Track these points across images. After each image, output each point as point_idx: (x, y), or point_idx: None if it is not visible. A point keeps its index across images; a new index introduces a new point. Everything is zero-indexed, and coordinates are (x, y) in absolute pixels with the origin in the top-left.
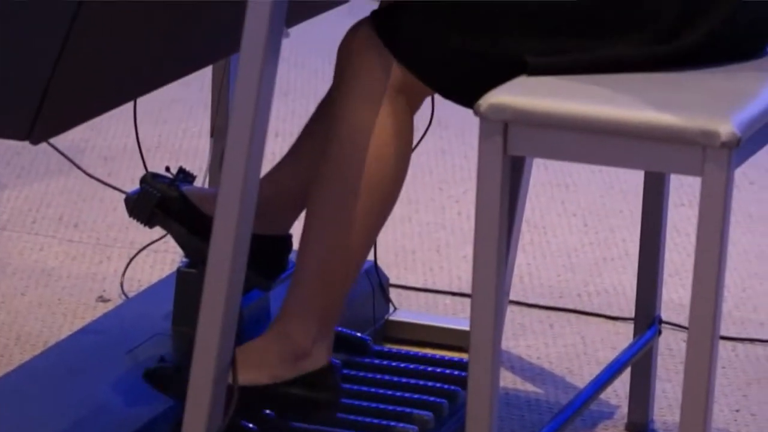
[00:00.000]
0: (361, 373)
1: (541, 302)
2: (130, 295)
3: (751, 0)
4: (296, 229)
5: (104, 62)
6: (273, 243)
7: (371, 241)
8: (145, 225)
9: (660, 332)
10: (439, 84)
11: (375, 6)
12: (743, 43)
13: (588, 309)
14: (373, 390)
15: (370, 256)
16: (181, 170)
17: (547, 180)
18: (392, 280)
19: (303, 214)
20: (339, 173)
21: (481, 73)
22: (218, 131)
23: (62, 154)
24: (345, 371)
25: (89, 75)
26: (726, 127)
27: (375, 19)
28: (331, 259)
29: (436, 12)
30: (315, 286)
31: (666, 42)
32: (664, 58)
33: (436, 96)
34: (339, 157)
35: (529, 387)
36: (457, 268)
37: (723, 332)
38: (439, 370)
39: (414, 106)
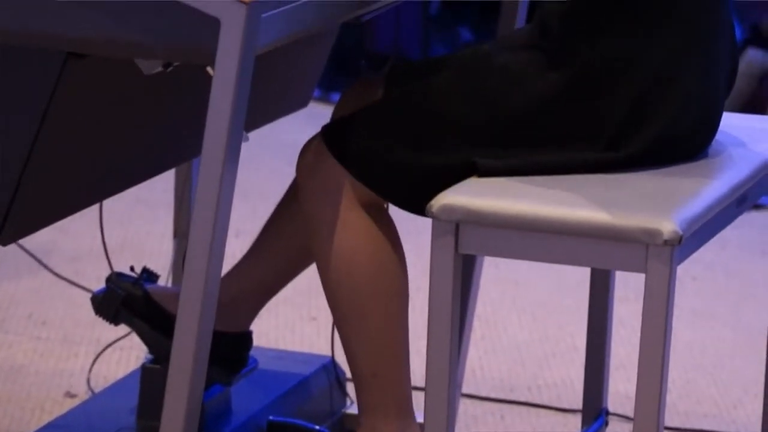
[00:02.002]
0: None
1: (493, 395)
2: (97, 390)
3: (691, 106)
4: (255, 326)
5: (71, 166)
6: (234, 340)
7: (405, 323)
8: (110, 323)
9: (607, 423)
10: (392, 195)
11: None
12: (685, 146)
13: (538, 401)
14: None
15: (327, 352)
16: (145, 270)
17: (498, 277)
18: (349, 375)
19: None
20: (347, 293)
21: (431, 182)
22: (181, 232)
23: (31, 254)
24: None
25: (57, 178)
26: (668, 226)
27: (325, 134)
28: (379, 359)
29: (385, 126)
30: (378, 387)
31: (612, 149)
32: (610, 163)
33: None
34: (340, 281)
35: None
36: (412, 362)
37: (667, 423)
38: None
39: (383, 202)
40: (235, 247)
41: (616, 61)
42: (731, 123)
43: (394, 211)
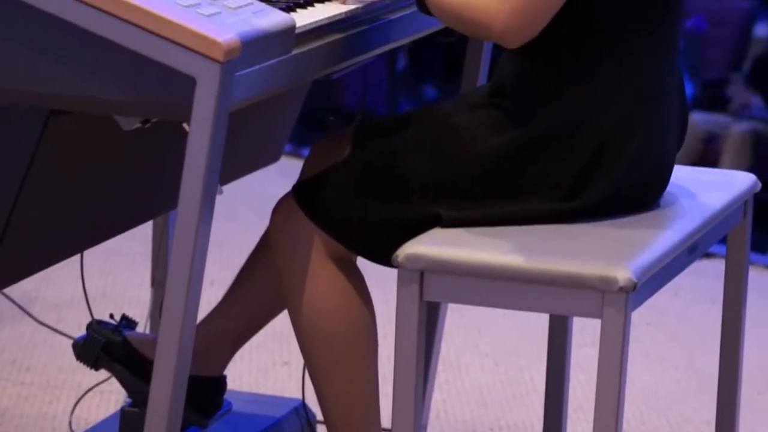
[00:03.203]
0: None
1: None
2: None
3: (643, 160)
4: (230, 370)
5: (53, 218)
6: (209, 384)
7: (375, 371)
8: (91, 368)
9: None
10: (360, 248)
11: None
12: (638, 197)
13: None
14: None
15: (299, 395)
16: (124, 317)
17: (461, 323)
18: (319, 417)
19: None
20: (319, 343)
21: (397, 234)
22: (158, 281)
23: (15, 302)
24: None
25: (40, 230)
26: (623, 274)
27: (296, 193)
28: (350, 406)
29: (352, 183)
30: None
31: (568, 200)
32: (567, 214)
33: None
34: (313, 331)
35: None
36: (380, 405)
37: None
38: None
39: (352, 255)
40: (210, 295)
41: (570, 119)
42: (682, 175)
43: (362, 260)
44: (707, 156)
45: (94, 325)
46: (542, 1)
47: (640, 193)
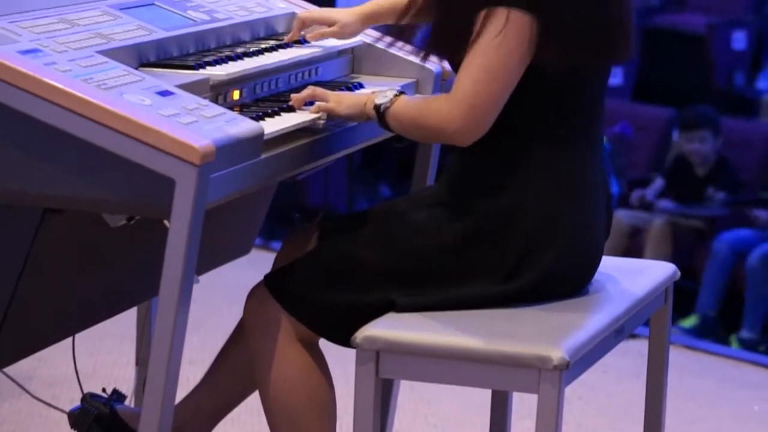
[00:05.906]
0: None
1: None
2: None
3: (572, 249)
4: None
5: (47, 305)
6: None
7: None
8: None
9: None
10: (323, 331)
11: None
12: (570, 284)
13: None
14: None
15: None
16: (115, 391)
17: (412, 397)
18: None
19: None
20: (285, 415)
21: (356, 318)
22: (142, 360)
23: (13, 380)
24: None
25: (36, 316)
26: (557, 353)
27: (267, 281)
28: None
29: (317, 273)
30: None
31: (508, 283)
32: (506, 296)
33: None
34: (279, 404)
35: None
36: None
37: None
38: None
39: (315, 337)
40: (189, 373)
41: (507, 209)
42: (610, 264)
43: (325, 343)
44: (632, 248)
45: (88, 398)
46: (486, 102)
47: (571, 280)
